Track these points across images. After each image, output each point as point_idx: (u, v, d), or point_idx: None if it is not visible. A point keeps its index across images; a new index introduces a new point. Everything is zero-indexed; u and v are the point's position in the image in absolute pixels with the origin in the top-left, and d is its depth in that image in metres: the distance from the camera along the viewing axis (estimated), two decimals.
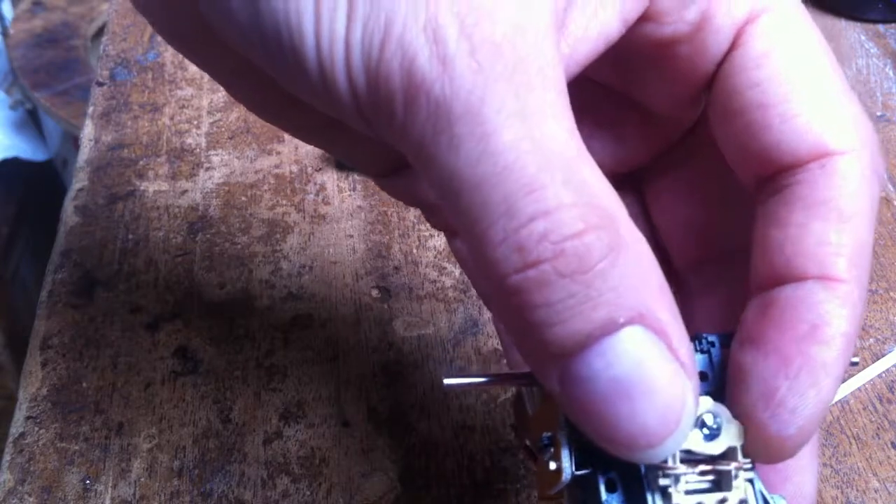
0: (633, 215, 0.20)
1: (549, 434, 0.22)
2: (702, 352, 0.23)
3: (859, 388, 0.40)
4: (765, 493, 0.22)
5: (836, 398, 0.40)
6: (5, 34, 1.14)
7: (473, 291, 0.44)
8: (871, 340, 0.42)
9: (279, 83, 0.22)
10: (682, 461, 0.21)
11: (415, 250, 0.46)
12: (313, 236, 0.47)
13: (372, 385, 0.40)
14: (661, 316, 0.19)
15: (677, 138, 0.28)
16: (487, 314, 0.43)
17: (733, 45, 0.23)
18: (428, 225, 0.48)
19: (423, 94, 0.19)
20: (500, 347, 0.42)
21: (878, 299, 0.44)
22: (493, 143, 0.19)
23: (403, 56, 0.19)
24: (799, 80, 0.23)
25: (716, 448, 0.21)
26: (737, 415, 0.22)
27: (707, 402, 0.21)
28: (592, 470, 0.21)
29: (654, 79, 0.25)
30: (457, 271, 0.45)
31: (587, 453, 0.22)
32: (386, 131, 0.21)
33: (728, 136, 0.24)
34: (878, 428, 0.39)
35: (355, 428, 0.39)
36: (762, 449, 0.21)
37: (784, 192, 0.23)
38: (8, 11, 1.20)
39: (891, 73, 0.59)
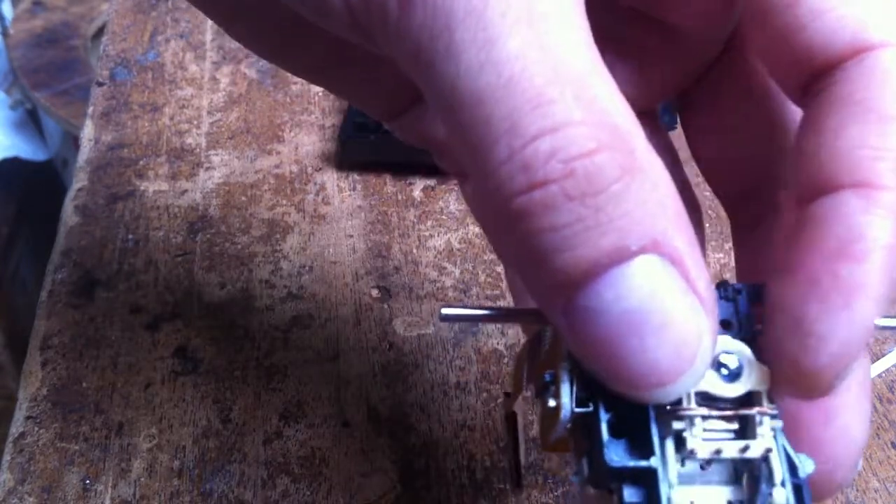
0: (659, 150, 0.19)
1: (552, 372, 0.21)
2: (726, 299, 0.21)
3: None
4: (788, 449, 0.20)
5: None
6: (5, 34, 1.14)
7: (473, 291, 0.44)
8: (871, 340, 0.42)
9: None
10: (700, 404, 0.19)
11: (415, 250, 0.46)
12: (313, 236, 0.47)
13: (372, 385, 0.40)
14: (678, 244, 0.18)
15: (708, 63, 0.25)
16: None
17: None
18: (428, 224, 0.48)
19: None
20: (499, 347, 0.42)
21: None
22: (497, 50, 0.17)
23: None
24: None
25: (735, 390, 0.19)
26: (765, 358, 0.20)
27: (727, 341, 0.20)
28: (594, 409, 0.20)
29: None
30: (457, 271, 0.45)
31: (590, 392, 0.20)
32: (380, 38, 0.19)
33: (764, 46, 0.22)
34: (878, 428, 0.39)
35: (355, 428, 0.39)
36: (794, 385, 0.19)
37: (821, 96, 0.20)
38: (8, 11, 1.20)
39: None
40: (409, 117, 0.29)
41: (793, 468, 0.20)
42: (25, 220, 1.23)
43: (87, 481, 0.36)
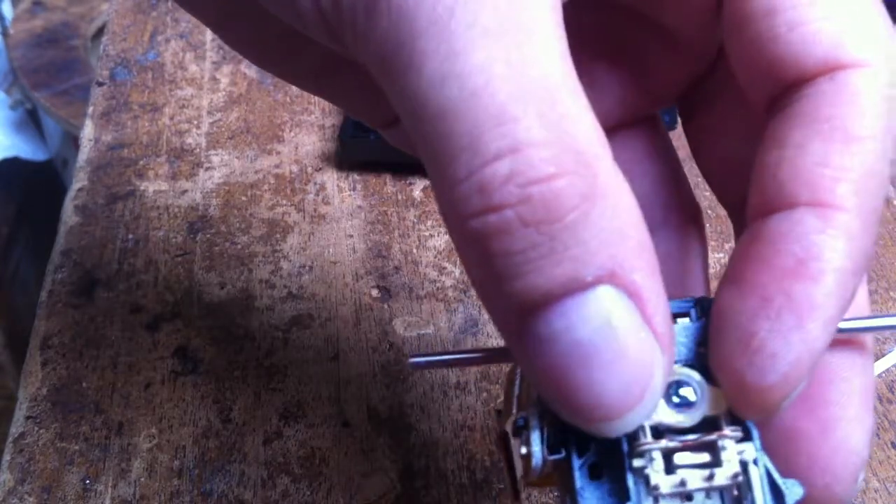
0: (659, 151, 0.18)
1: (524, 416, 0.20)
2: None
3: None
4: (773, 474, 0.19)
5: None
6: (5, 34, 1.14)
7: (473, 291, 0.44)
8: (872, 340, 0.42)
9: None
10: (658, 436, 0.19)
11: (415, 250, 0.46)
12: (313, 236, 0.47)
13: (372, 385, 0.40)
14: (637, 276, 0.17)
15: (707, 66, 0.25)
16: (487, 314, 0.43)
17: None
18: (428, 224, 0.48)
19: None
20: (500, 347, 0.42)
21: (878, 299, 0.44)
22: (460, 63, 0.17)
23: None
24: None
25: (691, 418, 0.19)
26: (715, 368, 0.19)
27: (679, 370, 0.19)
28: (567, 454, 0.19)
29: None
30: (457, 271, 0.45)
31: (563, 435, 0.19)
32: (349, 44, 0.19)
33: (738, 52, 0.21)
34: (878, 428, 0.39)
35: (355, 428, 0.39)
36: (742, 403, 0.19)
37: (787, 110, 0.20)
38: (8, 11, 1.20)
39: None
40: (403, 125, 0.28)
41: (778, 495, 0.19)
42: (25, 220, 1.23)
43: (87, 481, 0.36)
